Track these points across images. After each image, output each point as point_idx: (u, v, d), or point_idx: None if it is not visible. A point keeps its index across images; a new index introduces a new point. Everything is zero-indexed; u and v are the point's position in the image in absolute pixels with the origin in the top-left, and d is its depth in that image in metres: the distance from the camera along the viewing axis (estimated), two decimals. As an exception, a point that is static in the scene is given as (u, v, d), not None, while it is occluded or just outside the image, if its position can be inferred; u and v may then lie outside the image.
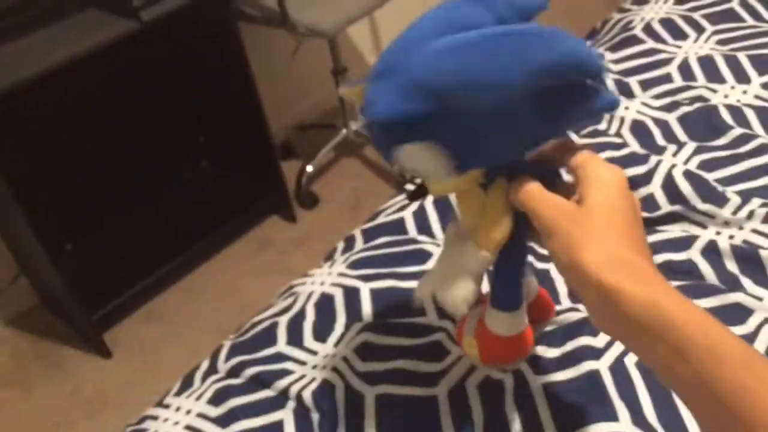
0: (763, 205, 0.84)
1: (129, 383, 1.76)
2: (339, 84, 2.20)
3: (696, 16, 1.23)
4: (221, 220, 2.06)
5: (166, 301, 1.96)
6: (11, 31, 1.52)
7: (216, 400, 0.76)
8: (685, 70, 1.11)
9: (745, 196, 0.86)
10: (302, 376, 0.75)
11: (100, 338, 1.84)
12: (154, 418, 0.78)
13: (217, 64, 1.94)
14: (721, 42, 1.15)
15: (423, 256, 0.87)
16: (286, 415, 0.72)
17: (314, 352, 0.78)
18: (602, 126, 1.05)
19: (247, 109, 1.97)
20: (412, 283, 0.84)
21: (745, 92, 1.05)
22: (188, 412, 0.76)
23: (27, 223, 1.62)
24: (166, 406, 0.79)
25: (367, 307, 0.82)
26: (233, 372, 0.79)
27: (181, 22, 1.66)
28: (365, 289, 0.84)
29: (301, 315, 0.84)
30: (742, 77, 1.08)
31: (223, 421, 0.73)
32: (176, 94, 2.08)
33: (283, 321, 0.84)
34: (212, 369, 0.82)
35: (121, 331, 1.90)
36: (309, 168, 2.19)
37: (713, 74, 1.09)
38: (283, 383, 0.74)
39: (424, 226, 0.94)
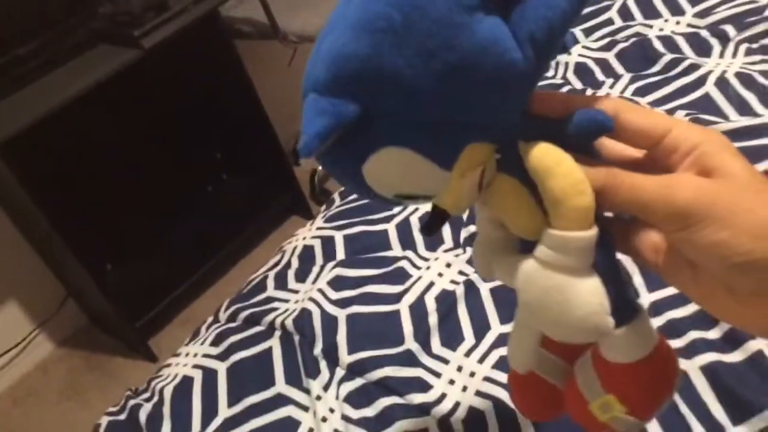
0: (687, 115, 0.93)
1: (176, 383, 1.90)
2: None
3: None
4: (245, 225, 2.20)
5: (201, 306, 2.10)
6: (36, 71, 1.69)
7: (216, 341, 0.88)
8: (624, 12, 1.20)
9: (672, 111, 0.95)
10: (285, 310, 0.87)
11: (146, 345, 2.00)
12: (168, 365, 0.91)
13: (221, 82, 2.09)
14: (658, -18, 1.24)
15: (389, 202, 0.98)
16: (274, 343, 0.84)
17: (296, 291, 0.90)
18: (549, 73, 1.15)
19: (255, 121, 2.11)
20: (380, 227, 0.95)
21: (678, 23, 1.13)
22: (195, 355, 0.89)
23: (70, 251, 1.79)
24: (178, 355, 0.92)
25: (340, 250, 0.94)
26: (230, 318, 0.92)
27: (180, 46, 1.81)
28: (339, 236, 0.96)
29: (286, 265, 0.96)
30: (676, 10, 1.16)
31: (223, 356, 0.85)
32: (189, 115, 2.23)
33: (272, 273, 0.96)
34: (215, 320, 0.95)
35: (163, 337, 2.05)
36: (320, 167, 2.32)
37: (650, 11, 1.18)
38: (270, 318, 0.86)
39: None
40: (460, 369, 0.73)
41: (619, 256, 0.38)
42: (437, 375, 0.73)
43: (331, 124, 0.33)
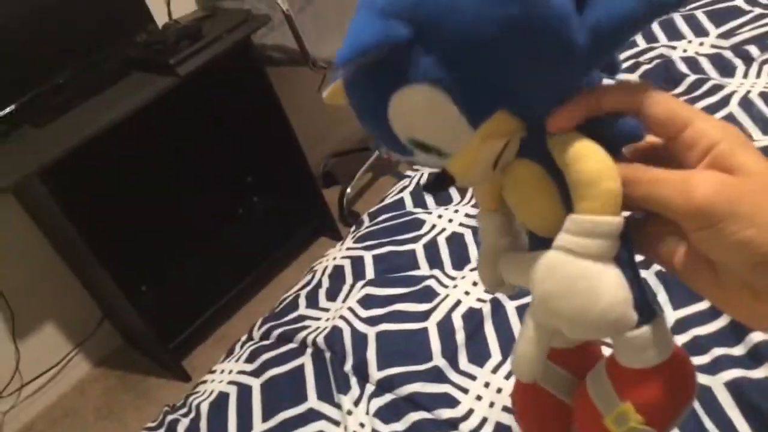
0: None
1: (208, 403, 1.93)
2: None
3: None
4: (275, 246, 2.24)
5: (234, 326, 2.14)
6: (74, 98, 1.75)
7: (251, 358, 0.91)
8: (647, 34, 1.22)
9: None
10: (317, 328, 0.89)
11: (179, 365, 2.03)
12: (204, 382, 0.94)
13: (253, 108, 2.14)
14: (680, 5, 1.26)
15: (417, 223, 1.01)
16: (306, 359, 0.86)
17: (327, 309, 0.93)
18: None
19: (285, 145, 2.16)
20: (408, 247, 0.97)
21: (701, 44, 1.15)
22: (230, 371, 0.91)
23: (107, 273, 1.84)
24: (213, 372, 0.94)
25: (369, 269, 0.96)
26: (264, 336, 0.94)
27: (214, 73, 1.87)
28: (368, 256, 0.98)
29: (317, 285, 0.99)
30: (700, 31, 1.18)
31: (257, 372, 0.88)
32: (222, 140, 2.29)
33: (303, 292, 0.99)
34: (249, 338, 0.97)
35: (196, 356, 2.09)
36: (348, 190, 2.36)
37: (673, 33, 1.19)
38: (302, 335, 0.89)
39: (419, 201, 1.08)
40: (487, 385, 0.75)
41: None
42: (464, 391, 0.75)
43: (378, 40, 0.31)
